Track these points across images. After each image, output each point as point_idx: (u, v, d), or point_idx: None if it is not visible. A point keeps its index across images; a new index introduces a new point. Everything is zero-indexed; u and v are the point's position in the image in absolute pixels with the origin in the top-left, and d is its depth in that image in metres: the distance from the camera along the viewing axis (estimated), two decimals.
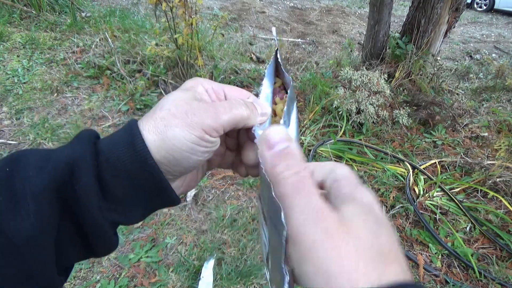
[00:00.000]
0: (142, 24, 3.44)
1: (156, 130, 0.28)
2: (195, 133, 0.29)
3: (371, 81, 2.46)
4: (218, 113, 0.30)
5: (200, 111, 0.30)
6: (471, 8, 8.14)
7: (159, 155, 0.28)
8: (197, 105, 0.30)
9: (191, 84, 0.34)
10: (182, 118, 0.29)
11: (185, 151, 0.29)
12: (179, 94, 0.32)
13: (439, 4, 2.72)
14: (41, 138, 2.06)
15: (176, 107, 0.29)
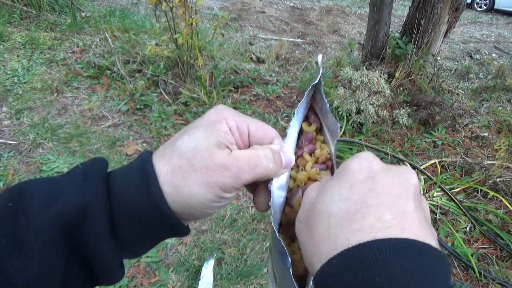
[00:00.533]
0: (142, 24, 3.44)
1: (172, 182, 0.27)
2: (212, 192, 0.28)
3: (371, 81, 2.46)
4: (240, 173, 0.28)
5: (222, 169, 0.28)
6: (471, 8, 8.14)
7: (174, 206, 0.27)
8: (219, 160, 0.28)
9: (215, 119, 0.30)
10: (202, 174, 0.27)
11: (200, 207, 0.28)
12: (202, 136, 0.29)
13: (439, 4, 2.72)
14: (41, 138, 2.06)
15: (197, 158, 0.27)
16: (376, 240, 0.21)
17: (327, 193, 0.26)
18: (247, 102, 2.64)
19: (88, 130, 2.19)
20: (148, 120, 2.34)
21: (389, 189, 0.24)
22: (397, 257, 0.20)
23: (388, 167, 0.26)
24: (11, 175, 1.81)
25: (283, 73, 3.12)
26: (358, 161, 0.26)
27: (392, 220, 0.22)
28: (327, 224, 0.24)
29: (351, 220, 0.22)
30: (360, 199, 0.23)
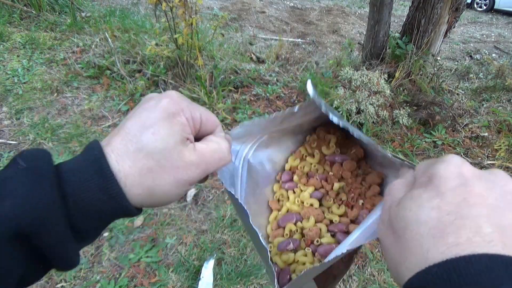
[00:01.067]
0: (142, 24, 3.44)
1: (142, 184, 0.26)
2: (182, 189, 0.29)
3: (371, 81, 2.46)
4: (208, 167, 0.30)
5: (191, 167, 0.28)
6: (471, 8, 8.14)
7: (139, 203, 0.27)
8: (189, 159, 0.28)
9: (173, 111, 0.29)
10: (173, 174, 0.27)
11: (167, 201, 0.29)
12: (167, 134, 0.27)
13: (439, 4, 2.72)
14: (41, 138, 2.06)
15: (167, 159, 0.27)
16: (485, 255, 0.19)
17: (414, 199, 0.24)
18: (247, 102, 2.64)
19: (88, 130, 2.19)
20: None
21: (484, 198, 0.22)
22: (507, 276, 0.18)
23: (480, 173, 0.24)
24: None
25: (283, 73, 3.12)
26: (445, 166, 0.24)
27: (492, 234, 0.20)
28: (416, 232, 0.22)
29: (445, 232, 0.21)
30: (454, 209, 0.22)
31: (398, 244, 0.24)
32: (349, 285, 1.47)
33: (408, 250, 0.22)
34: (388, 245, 0.25)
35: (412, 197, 0.24)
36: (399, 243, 0.23)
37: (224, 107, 2.44)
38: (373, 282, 1.49)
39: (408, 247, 0.22)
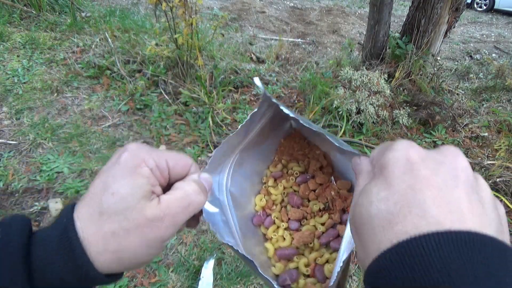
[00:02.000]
0: (142, 24, 3.44)
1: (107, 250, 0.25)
2: (154, 248, 0.27)
3: (371, 81, 2.46)
4: (176, 218, 0.28)
5: (157, 223, 0.27)
6: (471, 8, 8.14)
7: (110, 269, 0.26)
8: (152, 215, 0.26)
9: (133, 164, 0.28)
10: (138, 234, 0.26)
11: (142, 263, 0.28)
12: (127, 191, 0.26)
13: (439, 4, 2.72)
14: (41, 138, 2.06)
15: (128, 220, 0.26)
16: (434, 233, 0.19)
17: (366, 194, 0.24)
18: (247, 102, 2.64)
19: (88, 130, 2.19)
20: (148, 120, 2.34)
21: (431, 180, 0.22)
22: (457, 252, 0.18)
23: (428, 153, 0.24)
24: (11, 175, 1.81)
25: (283, 73, 3.12)
26: (392, 154, 0.24)
27: (439, 215, 0.20)
28: (370, 227, 0.23)
29: (393, 222, 0.21)
30: (400, 198, 0.22)
31: (360, 241, 0.24)
32: (349, 285, 1.47)
33: (366, 246, 0.23)
34: (355, 242, 0.26)
35: (364, 192, 0.25)
36: (360, 240, 0.24)
37: (224, 107, 2.44)
38: None
39: (366, 243, 0.23)
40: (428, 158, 0.24)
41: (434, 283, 0.18)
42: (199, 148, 2.15)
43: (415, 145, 0.25)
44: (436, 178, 0.22)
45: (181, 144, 2.17)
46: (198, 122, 2.35)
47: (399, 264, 0.20)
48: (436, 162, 0.23)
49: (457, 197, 0.21)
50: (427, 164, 0.23)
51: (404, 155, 0.24)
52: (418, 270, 0.19)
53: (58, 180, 1.82)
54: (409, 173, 0.23)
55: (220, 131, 2.30)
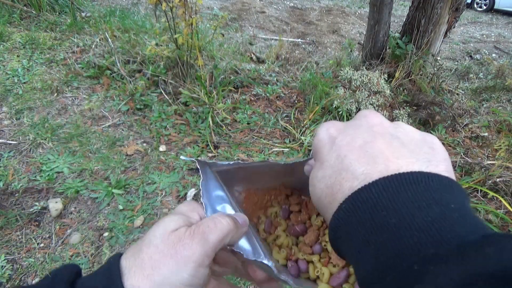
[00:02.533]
0: (142, 24, 3.44)
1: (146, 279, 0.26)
2: (187, 271, 0.27)
3: (371, 81, 2.46)
4: (207, 234, 0.29)
5: (187, 240, 0.28)
6: (471, 8, 8.14)
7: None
8: (183, 233, 0.29)
9: (184, 209, 0.32)
10: (171, 255, 0.27)
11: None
12: (168, 221, 0.30)
13: (439, 4, 2.72)
14: (41, 138, 2.06)
15: (164, 242, 0.28)
16: (365, 186, 0.21)
17: (311, 182, 0.27)
18: (247, 102, 2.64)
19: (88, 130, 2.19)
20: (148, 120, 2.34)
21: (352, 145, 0.24)
22: (400, 189, 0.20)
23: (346, 124, 0.27)
24: (11, 175, 1.81)
25: (283, 73, 3.12)
26: (316, 138, 0.27)
27: (368, 171, 0.22)
28: (322, 206, 0.25)
29: (334, 193, 0.23)
30: (332, 171, 0.24)
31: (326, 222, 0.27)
32: None
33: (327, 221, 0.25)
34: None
35: (310, 179, 0.27)
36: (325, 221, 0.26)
37: (224, 107, 2.44)
38: None
39: (326, 220, 0.25)
40: (346, 128, 0.26)
41: (383, 220, 0.20)
42: (199, 148, 2.15)
43: (335, 122, 0.27)
44: (356, 141, 0.24)
45: (181, 144, 2.17)
46: (198, 122, 2.35)
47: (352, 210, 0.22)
48: (353, 127, 0.26)
49: (378, 149, 0.23)
50: (347, 132, 0.25)
51: (326, 134, 0.26)
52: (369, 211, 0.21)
53: (58, 180, 1.82)
54: (333, 146, 0.25)
55: (220, 131, 2.30)
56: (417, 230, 0.19)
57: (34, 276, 1.41)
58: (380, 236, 0.20)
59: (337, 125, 0.27)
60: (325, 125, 0.27)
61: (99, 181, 1.84)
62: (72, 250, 1.51)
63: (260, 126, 2.41)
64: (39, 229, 1.59)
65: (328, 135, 0.26)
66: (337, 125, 0.27)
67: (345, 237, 0.22)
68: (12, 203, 1.68)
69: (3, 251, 1.48)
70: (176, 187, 1.87)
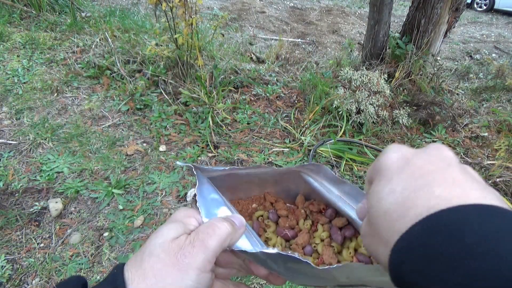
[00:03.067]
0: (142, 24, 3.44)
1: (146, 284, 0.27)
2: (191, 278, 0.28)
3: (371, 81, 2.46)
4: (206, 240, 0.30)
5: (188, 248, 0.29)
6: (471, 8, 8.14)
7: None
8: (183, 241, 0.30)
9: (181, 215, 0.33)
10: (173, 264, 0.28)
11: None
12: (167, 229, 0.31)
13: (439, 4, 2.72)
14: (41, 138, 2.06)
15: (165, 251, 0.29)
16: (461, 206, 0.21)
17: (373, 195, 0.26)
18: (247, 102, 2.64)
19: (88, 130, 2.19)
20: (148, 120, 2.34)
21: (427, 167, 0.24)
22: (482, 219, 0.20)
23: (417, 150, 0.27)
24: (11, 175, 1.81)
25: (283, 73, 3.12)
26: (387, 155, 0.27)
27: (445, 194, 0.22)
28: (387, 223, 0.24)
29: (405, 208, 0.22)
30: (405, 187, 0.23)
31: (380, 242, 0.25)
32: None
33: (387, 241, 0.24)
34: (374, 250, 0.27)
35: (371, 195, 0.26)
36: (380, 241, 0.25)
37: (224, 107, 2.44)
38: None
39: (387, 238, 0.24)
40: (418, 153, 0.26)
41: (471, 247, 0.19)
42: (199, 148, 2.15)
43: (404, 146, 0.27)
44: (430, 165, 0.24)
45: (181, 144, 2.17)
46: (198, 122, 2.35)
47: (431, 232, 0.20)
48: (426, 154, 0.26)
49: (453, 176, 0.23)
50: (419, 156, 0.25)
51: (397, 154, 0.26)
52: (454, 235, 0.19)
53: (58, 180, 1.82)
54: (406, 165, 0.25)
55: (220, 131, 2.30)
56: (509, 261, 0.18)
57: (34, 276, 1.41)
58: (472, 263, 0.19)
59: (408, 149, 0.27)
60: (396, 146, 0.27)
61: (99, 181, 1.84)
62: (72, 250, 1.51)
63: (260, 126, 2.41)
64: (39, 229, 1.59)
65: (400, 154, 0.26)
66: (408, 149, 0.27)
67: (420, 258, 0.21)
68: (12, 203, 1.68)
69: (3, 251, 1.48)
70: (176, 187, 1.87)
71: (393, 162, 0.26)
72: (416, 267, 0.21)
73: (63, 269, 1.43)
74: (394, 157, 0.26)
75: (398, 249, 0.22)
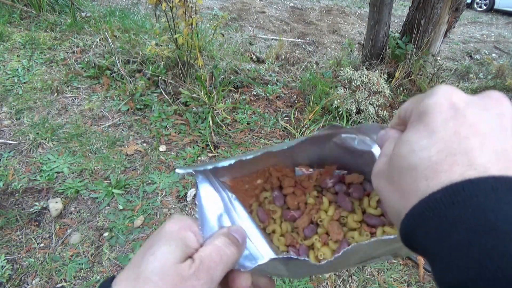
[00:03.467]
0: (142, 24, 3.44)
1: None
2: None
3: (371, 81, 2.46)
4: (211, 273, 0.27)
5: (193, 281, 0.26)
6: (471, 8, 8.14)
7: None
8: (187, 274, 0.26)
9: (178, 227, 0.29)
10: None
11: None
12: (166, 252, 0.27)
13: (439, 4, 2.72)
14: (41, 138, 2.06)
15: (165, 280, 0.25)
16: (489, 177, 0.19)
17: (404, 144, 0.23)
18: (247, 102, 2.64)
19: (88, 130, 2.19)
20: (148, 120, 2.34)
21: (478, 127, 0.21)
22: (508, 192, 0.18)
23: (472, 99, 0.23)
24: (11, 175, 1.81)
25: (283, 73, 3.12)
26: (435, 98, 0.22)
27: (488, 163, 0.19)
28: (410, 179, 0.21)
29: (437, 171, 0.20)
30: (445, 146, 0.21)
31: (396, 193, 0.23)
32: (349, 285, 1.47)
33: (405, 196, 0.22)
34: (386, 196, 0.24)
35: (403, 142, 0.23)
36: (397, 191, 0.23)
37: (224, 107, 2.44)
38: (373, 282, 1.49)
39: (406, 194, 0.22)
40: (472, 103, 0.22)
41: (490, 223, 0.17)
42: (199, 148, 2.15)
43: (458, 90, 0.23)
44: (482, 125, 0.21)
45: (181, 144, 2.17)
46: (198, 122, 2.35)
47: (451, 203, 0.19)
48: (481, 107, 0.22)
49: (504, 145, 0.20)
50: (472, 109, 0.22)
51: (447, 100, 0.22)
52: (473, 209, 0.18)
53: (58, 180, 1.83)
54: (453, 119, 0.21)
55: (220, 131, 2.30)
56: None
57: (34, 276, 1.41)
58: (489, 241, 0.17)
59: (462, 95, 0.23)
60: (447, 88, 0.23)
61: (99, 181, 1.84)
62: (72, 250, 1.51)
63: (260, 126, 2.41)
64: (39, 229, 1.59)
65: (450, 102, 0.22)
66: (462, 95, 0.23)
67: (434, 229, 0.19)
68: (12, 203, 1.68)
69: (3, 251, 1.48)
70: (176, 187, 1.87)
71: (441, 111, 0.22)
72: (430, 236, 0.20)
73: (63, 269, 1.43)
74: (443, 102, 0.22)
75: (413, 214, 0.21)
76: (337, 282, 1.47)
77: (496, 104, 0.22)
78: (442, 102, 0.22)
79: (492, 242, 0.17)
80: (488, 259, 0.17)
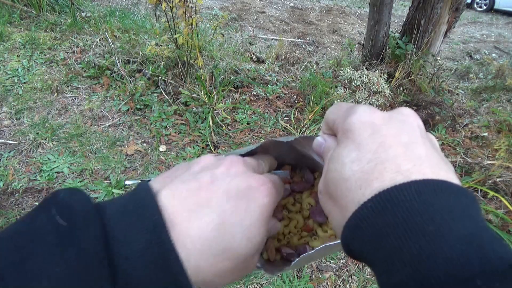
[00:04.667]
0: (142, 24, 3.44)
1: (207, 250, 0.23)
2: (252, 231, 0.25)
3: (371, 81, 2.46)
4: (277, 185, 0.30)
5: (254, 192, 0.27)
6: (471, 8, 8.14)
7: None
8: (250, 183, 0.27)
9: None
10: (244, 210, 0.25)
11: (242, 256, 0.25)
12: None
13: (439, 4, 2.72)
14: (41, 138, 2.06)
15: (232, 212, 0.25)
16: (412, 182, 0.20)
17: (336, 159, 0.24)
18: (247, 102, 2.64)
19: (88, 130, 2.19)
20: (148, 120, 2.34)
21: (398, 139, 0.23)
22: (435, 197, 0.19)
23: (389, 115, 0.25)
24: (11, 175, 1.81)
25: (283, 73, 3.12)
26: (356, 117, 0.25)
27: (412, 168, 0.21)
28: (346, 191, 0.23)
29: (369, 180, 0.21)
30: (374, 156, 0.22)
31: (335, 207, 0.24)
32: (349, 285, 1.47)
33: (343, 208, 0.23)
34: (329, 211, 0.26)
35: (334, 158, 0.25)
36: (336, 206, 0.24)
37: (224, 107, 2.44)
38: (373, 282, 1.49)
39: (344, 206, 0.23)
40: (390, 119, 0.25)
41: (417, 226, 0.19)
42: (199, 148, 2.15)
43: (376, 109, 0.26)
44: (401, 136, 0.23)
45: (181, 144, 2.17)
46: (198, 122, 2.35)
47: (380, 211, 0.20)
48: (399, 122, 0.25)
49: (420, 152, 0.22)
50: (391, 124, 0.24)
51: (368, 119, 0.25)
52: (401, 215, 0.19)
53: (58, 180, 1.82)
54: (377, 133, 0.23)
55: (220, 131, 2.30)
56: (458, 242, 0.18)
57: None
58: (416, 244, 0.18)
59: (380, 113, 0.25)
60: (368, 108, 0.26)
61: (99, 181, 1.84)
62: None
63: (260, 126, 2.41)
64: None
65: (372, 119, 0.24)
66: (380, 113, 0.25)
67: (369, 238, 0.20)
68: (12, 203, 1.68)
69: None
70: None
71: (365, 126, 0.24)
72: (366, 246, 0.21)
73: None
74: (367, 120, 0.24)
75: (349, 226, 0.22)
76: (337, 282, 1.47)
77: (409, 118, 0.25)
78: (365, 120, 0.24)
79: (420, 244, 0.18)
80: (417, 261, 0.18)
